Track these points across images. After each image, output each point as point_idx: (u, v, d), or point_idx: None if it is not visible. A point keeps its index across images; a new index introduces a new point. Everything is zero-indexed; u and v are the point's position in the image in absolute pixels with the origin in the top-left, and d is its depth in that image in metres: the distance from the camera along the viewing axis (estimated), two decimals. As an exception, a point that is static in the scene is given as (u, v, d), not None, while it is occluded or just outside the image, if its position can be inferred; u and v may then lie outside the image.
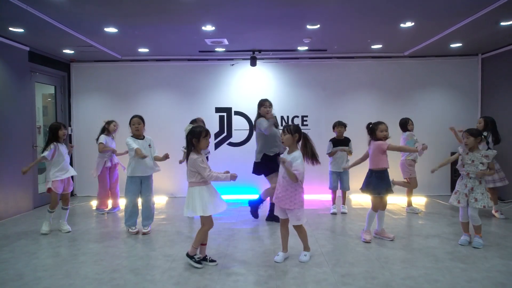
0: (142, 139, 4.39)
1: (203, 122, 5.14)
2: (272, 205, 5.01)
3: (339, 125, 5.37)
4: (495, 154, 3.82)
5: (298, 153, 3.37)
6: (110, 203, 5.63)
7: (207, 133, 3.31)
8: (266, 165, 4.75)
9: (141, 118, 4.40)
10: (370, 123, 4.08)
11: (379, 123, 3.97)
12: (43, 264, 3.45)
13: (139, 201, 4.45)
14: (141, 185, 4.37)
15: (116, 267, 3.35)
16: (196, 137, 3.27)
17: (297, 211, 3.37)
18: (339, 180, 5.41)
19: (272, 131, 4.69)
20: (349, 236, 4.25)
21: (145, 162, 4.27)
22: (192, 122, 5.06)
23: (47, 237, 4.31)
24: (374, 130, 3.96)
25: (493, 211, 5.10)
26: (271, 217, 4.86)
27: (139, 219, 4.52)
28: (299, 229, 3.48)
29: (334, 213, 5.37)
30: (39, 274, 3.22)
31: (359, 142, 6.42)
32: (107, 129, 5.42)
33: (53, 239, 4.21)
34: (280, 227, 3.56)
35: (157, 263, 3.44)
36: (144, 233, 4.40)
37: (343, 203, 5.50)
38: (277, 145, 4.75)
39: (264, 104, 4.73)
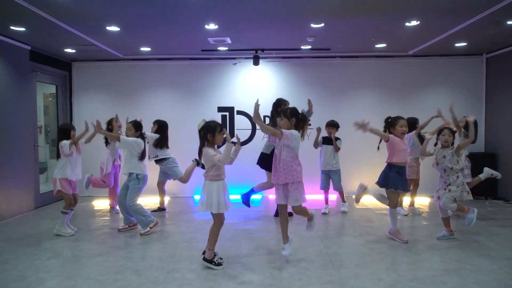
0: None
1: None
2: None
3: (330, 126, 5.32)
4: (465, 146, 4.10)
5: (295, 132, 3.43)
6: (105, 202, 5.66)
7: (221, 128, 3.31)
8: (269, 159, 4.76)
9: (133, 124, 4.42)
10: (389, 117, 4.06)
11: (400, 118, 3.94)
12: (45, 265, 3.42)
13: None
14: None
15: (119, 268, 3.31)
16: (211, 132, 3.27)
17: (296, 190, 3.35)
18: (331, 180, 5.37)
19: None
20: (354, 237, 4.21)
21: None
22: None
23: (50, 237, 4.27)
24: (394, 124, 3.92)
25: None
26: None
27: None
28: (299, 209, 3.43)
29: (324, 213, 5.31)
30: (42, 275, 3.18)
31: (362, 140, 6.40)
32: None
33: (55, 240, 4.18)
34: (280, 216, 3.54)
35: (161, 264, 3.40)
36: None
37: (343, 201, 5.44)
38: None
39: (285, 103, 4.77)
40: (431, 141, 4.07)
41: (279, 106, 4.73)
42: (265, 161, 4.83)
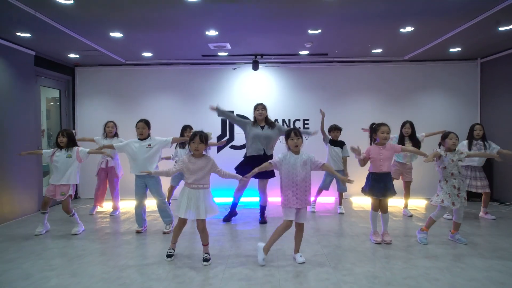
0: (144, 139, 4.53)
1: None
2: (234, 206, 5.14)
3: (335, 130, 5.54)
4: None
5: (306, 153, 3.52)
6: (108, 205, 5.83)
7: (192, 137, 3.44)
8: (242, 162, 5.01)
9: (145, 122, 4.53)
10: (373, 123, 4.19)
11: (382, 124, 4.05)
12: (49, 264, 3.51)
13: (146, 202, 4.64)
14: (146, 187, 4.52)
15: (121, 267, 3.41)
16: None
17: (306, 208, 3.52)
18: (336, 182, 5.54)
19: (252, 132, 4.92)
20: (351, 237, 4.30)
21: (136, 162, 4.43)
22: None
23: (52, 238, 4.37)
24: (376, 131, 4.05)
25: (481, 213, 5.24)
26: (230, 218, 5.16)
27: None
28: (303, 228, 3.56)
29: (313, 212, 5.62)
30: (47, 273, 3.28)
31: (359, 144, 6.50)
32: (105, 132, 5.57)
33: (58, 240, 4.28)
34: (281, 228, 3.52)
35: (162, 263, 3.50)
36: (164, 233, 4.55)
37: (340, 204, 5.66)
38: (255, 146, 4.93)
39: (256, 108, 4.97)
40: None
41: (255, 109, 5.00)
42: (241, 166, 4.99)
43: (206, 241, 3.55)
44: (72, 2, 3.79)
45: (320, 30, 4.92)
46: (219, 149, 6.89)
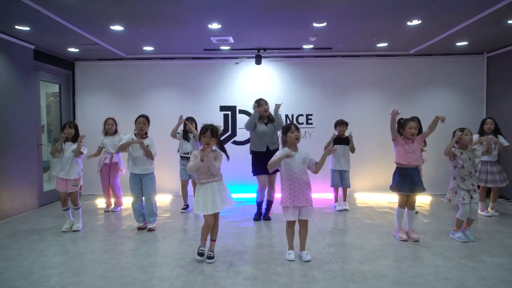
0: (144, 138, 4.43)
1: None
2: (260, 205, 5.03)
3: (341, 124, 5.45)
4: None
5: (304, 150, 3.47)
6: (112, 202, 5.66)
7: (203, 131, 3.37)
8: (254, 162, 4.89)
9: (146, 118, 4.45)
10: (401, 118, 4.09)
11: (411, 119, 3.97)
12: (51, 261, 3.45)
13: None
14: (141, 182, 4.44)
15: (124, 265, 3.35)
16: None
17: (312, 206, 3.43)
18: (340, 178, 5.46)
19: (253, 127, 4.80)
20: (356, 235, 4.24)
21: (135, 160, 4.36)
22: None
23: (54, 235, 4.31)
24: (404, 126, 3.96)
25: (489, 208, 5.15)
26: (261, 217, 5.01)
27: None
28: (307, 225, 3.49)
29: (340, 210, 5.44)
30: (48, 271, 3.22)
31: (364, 139, 6.44)
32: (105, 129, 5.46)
33: (59, 237, 4.22)
34: (288, 228, 3.53)
35: (165, 261, 3.44)
36: (149, 229, 4.46)
37: (344, 200, 5.59)
38: (260, 143, 4.83)
39: (260, 104, 4.84)
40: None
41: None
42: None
43: (215, 236, 3.51)
44: (72, -6, 3.70)
45: (325, 23, 4.82)
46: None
